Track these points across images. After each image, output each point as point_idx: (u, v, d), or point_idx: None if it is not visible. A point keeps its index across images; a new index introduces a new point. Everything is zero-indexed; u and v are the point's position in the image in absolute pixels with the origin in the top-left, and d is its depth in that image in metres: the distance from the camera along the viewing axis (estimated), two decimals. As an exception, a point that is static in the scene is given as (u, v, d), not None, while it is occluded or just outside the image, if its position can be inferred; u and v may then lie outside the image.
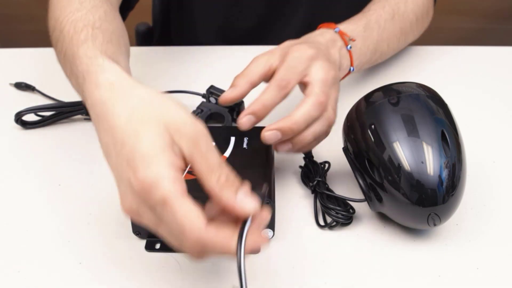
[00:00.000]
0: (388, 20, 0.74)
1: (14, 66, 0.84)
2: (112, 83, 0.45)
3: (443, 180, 0.50)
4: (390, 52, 0.77)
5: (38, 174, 0.64)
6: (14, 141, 0.69)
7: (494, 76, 0.82)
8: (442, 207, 0.51)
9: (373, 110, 0.54)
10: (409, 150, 0.51)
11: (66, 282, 0.51)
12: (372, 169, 0.53)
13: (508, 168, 0.65)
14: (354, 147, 0.56)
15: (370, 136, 0.53)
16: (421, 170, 0.50)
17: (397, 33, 0.76)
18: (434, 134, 0.51)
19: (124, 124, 0.42)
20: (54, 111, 0.71)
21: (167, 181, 0.39)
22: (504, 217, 0.58)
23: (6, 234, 0.56)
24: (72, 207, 0.59)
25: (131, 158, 0.41)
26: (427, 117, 0.52)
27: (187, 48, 0.88)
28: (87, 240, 0.55)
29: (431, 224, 0.52)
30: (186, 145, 0.41)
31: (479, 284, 0.51)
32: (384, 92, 0.56)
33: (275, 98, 0.54)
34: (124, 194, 0.42)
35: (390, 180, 0.51)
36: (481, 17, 2.01)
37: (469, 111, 0.74)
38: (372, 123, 0.54)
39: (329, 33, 0.65)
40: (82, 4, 0.58)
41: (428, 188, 0.50)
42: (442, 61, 0.85)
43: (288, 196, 0.60)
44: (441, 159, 0.50)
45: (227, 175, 0.41)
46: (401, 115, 0.53)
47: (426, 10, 0.82)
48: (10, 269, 0.52)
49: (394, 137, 0.52)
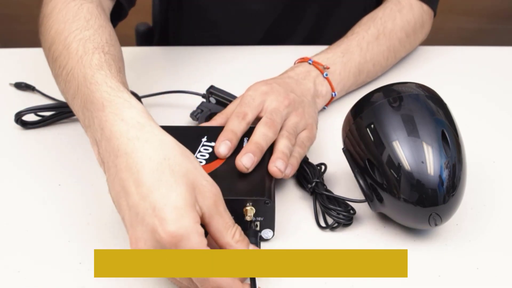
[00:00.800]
0: (371, 42, 0.76)
1: (14, 66, 0.84)
2: (141, 124, 0.47)
3: (443, 180, 0.50)
4: (378, 71, 0.78)
5: (38, 174, 0.64)
6: (14, 141, 0.69)
7: (494, 76, 0.82)
8: (443, 207, 0.51)
9: (372, 110, 0.54)
10: (409, 149, 0.51)
11: (66, 282, 0.51)
12: (372, 169, 0.53)
13: (508, 168, 0.65)
14: (354, 147, 0.56)
15: (370, 136, 0.53)
16: (422, 170, 0.50)
17: (384, 52, 0.77)
18: (434, 134, 0.51)
19: (156, 170, 0.44)
20: (54, 111, 0.71)
21: (198, 235, 0.43)
22: (504, 217, 0.58)
23: (6, 234, 0.56)
24: (72, 207, 0.59)
25: (160, 207, 0.43)
26: (427, 117, 0.52)
27: (187, 48, 0.88)
28: (87, 240, 0.55)
29: (432, 224, 0.52)
30: (207, 207, 0.45)
31: (479, 284, 0.51)
32: (384, 93, 0.56)
33: (239, 125, 0.59)
34: (141, 239, 0.43)
35: (390, 180, 0.51)
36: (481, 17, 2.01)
37: (469, 111, 0.74)
38: (372, 123, 0.54)
39: (303, 66, 0.71)
40: (88, 22, 0.58)
41: (428, 188, 0.50)
42: (442, 61, 0.85)
43: (287, 197, 0.60)
44: (441, 159, 0.50)
45: (240, 232, 0.47)
46: (401, 115, 0.53)
47: (421, 24, 0.82)
48: (10, 269, 0.52)
49: (394, 137, 0.52)
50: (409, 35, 0.80)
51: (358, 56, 0.74)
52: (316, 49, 0.76)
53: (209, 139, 0.59)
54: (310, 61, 0.71)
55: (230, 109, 0.65)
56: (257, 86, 0.64)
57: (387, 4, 0.80)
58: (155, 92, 0.74)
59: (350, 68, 0.73)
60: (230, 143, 0.57)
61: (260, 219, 0.53)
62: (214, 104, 0.72)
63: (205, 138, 0.59)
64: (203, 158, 0.57)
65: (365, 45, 0.75)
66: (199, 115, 0.70)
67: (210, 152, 0.57)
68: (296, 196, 0.60)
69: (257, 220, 0.53)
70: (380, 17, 0.78)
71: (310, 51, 0.76)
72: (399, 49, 0.80)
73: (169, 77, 0.81)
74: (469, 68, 0.84)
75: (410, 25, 0.80)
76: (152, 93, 0.74)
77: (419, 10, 0.81)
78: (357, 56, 0.74)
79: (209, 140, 0.59)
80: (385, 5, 0.81)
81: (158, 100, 0.74)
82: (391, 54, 0.78)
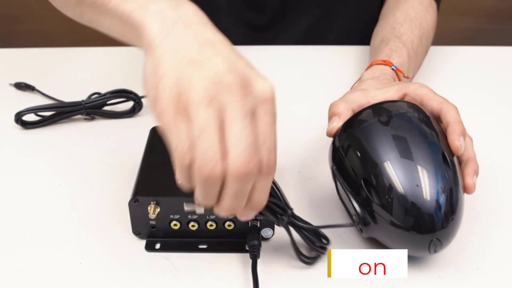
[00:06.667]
0: (419, 45, 0.74)
1: (14, 66, 0.84)
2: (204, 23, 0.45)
3: (441, 205, 0.48)
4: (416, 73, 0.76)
5: (38, 174, 0.64)
6: (14, 141, 0.69)
7: (494, 76, 0.82)
8: (443, 232, 0.48)
9: (362, 130, 0.51)
10: (403, 172, 0.48)
11: (66, 282, 0.51)
12: (362, 191, 0.50)
13: (508, 168, 0.65)
14: (342, 168, 0.52)
15: (360, 156, 0.51)
16: (416, 193, 0.47)
17: (423, 55, 0.76)
18: (428, 157, 0.49)
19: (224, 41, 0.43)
20: (54, 111, 0.71)
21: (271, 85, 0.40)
22: (504, 217, 0.58)
23: (6, 234, 0.56)
24: (72, 207, 0.59)
25: (230, 55, 0.41)
26: (421, 139, 0.50)
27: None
28: (87, 240, 0.55)
29: (432, 250, 0.49)
30: None
31: (479, 284, 0.51)
32: (374, 111, 0.53)
33: None
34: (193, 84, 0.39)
35: (383, 203, 0.48)
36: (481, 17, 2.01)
37: (469, 111, 0.74)
38: (362, 143, 0.51)
39: (386, 69, 0.66)
40: None
41: (425, 213, 0.47)
42: (442, 61, 0.85)
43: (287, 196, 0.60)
44: (437, 184, 0.48)
45: None
46: (392, 135, 0.50)
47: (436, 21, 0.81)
48: (10, 269, 0.52)
49: (386, 157, 0.49)
50: (434, 31, 0.79)
51: (414, 64, 0.72)
52: (316, 49, 0.76)
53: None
54: (394, 67, 0.67)
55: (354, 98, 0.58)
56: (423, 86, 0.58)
57: (411, 2, 0.79)
58: (155, 92, 0.74)
59: (410, 75, 0.70)
60: None
61: (260, 218, 0.53)
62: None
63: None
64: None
65: (416, 48, 0.73)
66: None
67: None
68: (296, 195, 0.60)
69: (257, 219, 0.53)
70: (415, 16, 0.76)
71: (310, 51, 0.76)
72: (428, 49, 0.78)
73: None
74: (469, 68, 0.84)
75: (434, 21, 0.79)
76: (152, 93, 0.74)
77: (434, 8, 0.81)
78: (413, 63, 0.72)
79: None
80: (409, 2, 0.79)
81: (158, 100, 0.74)
82: (424, 55, 0.77)
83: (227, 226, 0.53)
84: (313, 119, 0.71)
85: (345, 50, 0.88)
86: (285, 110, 0.73)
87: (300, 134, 0.69)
